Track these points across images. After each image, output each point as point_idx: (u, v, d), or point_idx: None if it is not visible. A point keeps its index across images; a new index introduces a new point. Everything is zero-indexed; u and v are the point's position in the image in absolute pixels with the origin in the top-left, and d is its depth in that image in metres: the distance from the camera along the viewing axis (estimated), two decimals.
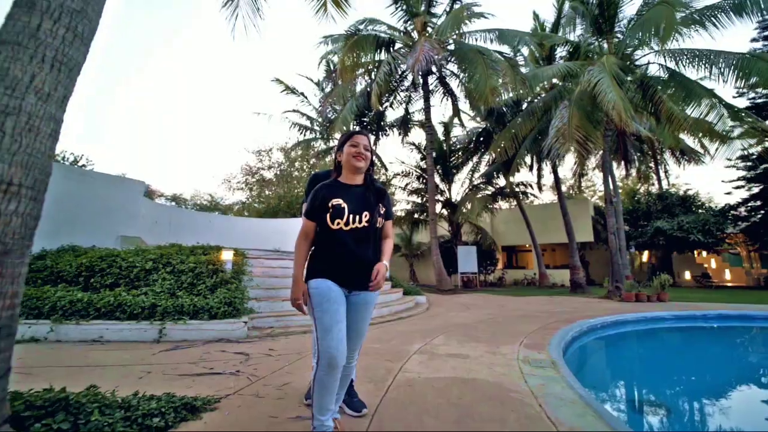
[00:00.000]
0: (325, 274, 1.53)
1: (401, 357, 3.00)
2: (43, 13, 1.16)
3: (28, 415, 1.23)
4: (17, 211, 1.10)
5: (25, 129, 1.11)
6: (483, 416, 1.79)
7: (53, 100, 1.19)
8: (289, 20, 8.54)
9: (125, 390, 1.76)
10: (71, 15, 1.22)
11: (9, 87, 1.10)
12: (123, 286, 4.10)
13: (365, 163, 1.64)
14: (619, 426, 1.67)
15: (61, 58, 1.20)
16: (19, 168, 1.10)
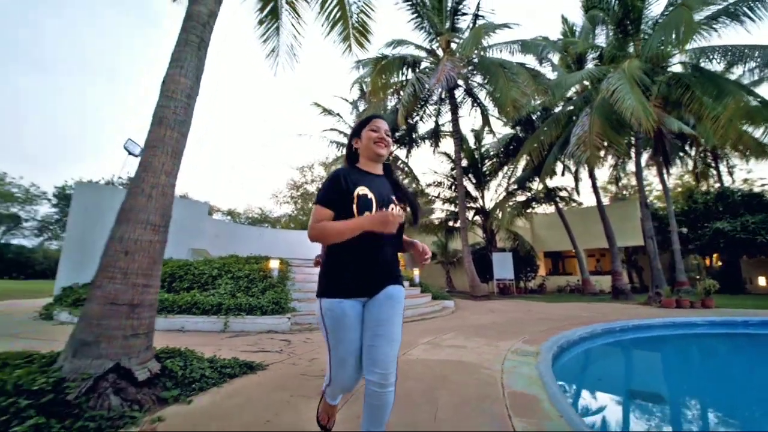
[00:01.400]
0: (342, 285, 1.32)
1: (410, 345, 3.66)
2: (166, 126, 2.06)
3: (160, 356, 2.12)
4: (158, 239, 2.00)
5: (160, 194, 2.01)
6: (451, 380, 2.41)
7: (172, 175, 2.09)
8: (325, 51, 9.65)
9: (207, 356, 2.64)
10: (180, 124, 2.12)
11: (151, 171, 2.01)
12: (196, 288, 5.21)
13: (387, 149, 1.47)
14: (555, 395, 2.17)
15: (176, 150, 2.10)
16: (158, 216, 2.00)
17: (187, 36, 2.25)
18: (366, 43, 6.81)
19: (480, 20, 12.51)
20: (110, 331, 1.76)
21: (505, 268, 15.04)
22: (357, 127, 1.53)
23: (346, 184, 1.34)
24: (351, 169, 1.45)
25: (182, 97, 2.12)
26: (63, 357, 1.78)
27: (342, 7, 6.24)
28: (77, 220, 6.55)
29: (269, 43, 6.49)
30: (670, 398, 3.03)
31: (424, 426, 1.68)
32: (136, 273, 1.88)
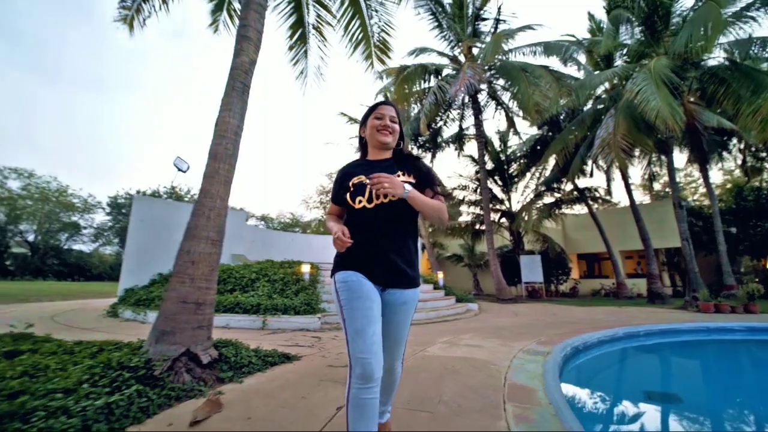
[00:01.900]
0: (354, 266, 1.30)
1: (428, 344, 3.98)
2: (220, 160, 2.58)
3: (217, 345, 2.62)
4: (216, 251, 2.50)
5: (216, 215, 2.52)
6: (460, 373, 2.72)
7: (225, 199, 2.60)
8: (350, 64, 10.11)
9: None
10: (230, 158, 2.62)
11: (209, 197, 2.52)
12: (238, 290, 5.83)
13: (393, 137, 1.41)
14: (550, 387, 2.43)
15: (227, 179, 2.60)
16: (215, 233, 2.50)
17: (233, 83, 2.76)
18: (387, 59, 7.26)
19: (501, 24, 12.60)
20: (182, 324, 2.27)
21: (534, 271, 14.84)
22: (364, 116, 1.49)
23: (343, 180, 1.39)
24: (357, 162, 1.48)
25: (231, 135, 2.62)
26: (148, 343, 2.31)
27: (364, 28, 6.71)
28: (136, 230, 7.48)
29: (299, 65, 7.08)
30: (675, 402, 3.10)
31: (430, 403, 2.03)
32: (200, 278, 2.38)
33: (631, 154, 7.52)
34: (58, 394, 1.71)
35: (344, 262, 1.33)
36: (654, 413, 2.84)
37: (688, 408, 2.96)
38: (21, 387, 1.77)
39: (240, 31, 2.95)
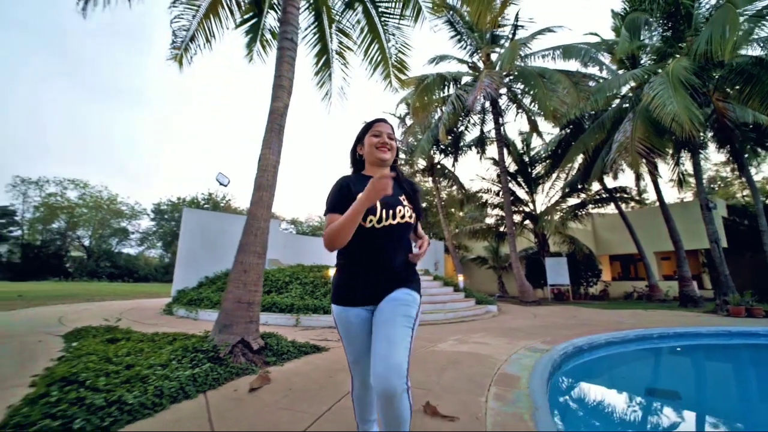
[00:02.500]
0: (347, 294, 1.35)
1: (439, 341, 4.47)
2: (263, 189, 3.24)
3: (262, 336, 3.29)
4: (261, 262, 3.17)
5: (261, 233, 3.18)
6: (461, 364, 3.21)
7: (267, 221, 3.26)
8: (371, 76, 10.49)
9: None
10: (270, 187, 3.28)
11: (255, 219, 3.19)
12: (274, 292, 6.58)
13: (391, 154, 1.45)
14: (534, 376, 2.85)
15: (269, 204, 3.25)
16: (260, 247, 3.16)
17: (271, 125, 3.42)
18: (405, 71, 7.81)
19: (520, 30, 12.78)
20: (238, 319, 2.93)
21: (560, 273, 14.73)
22: (360, 134, 1.51)
23: (348, 190, 1.34)
24: (356, 177, 1.45)
25: (271, 168, 3.29)
26: (213, 333, 3.00)
27: (382, 50, 7.29)
28: (185, 238, 8.50)
29: (324, 87, 7.79)
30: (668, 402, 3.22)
31: (428, 384, 2.55)
32: (251, 283, 3.05)
33: (648, 158, 7.51)
34: (158, 367, 2.41)
35: (341, 291, 1.37)
36: (639, 410, 3.09)
37: (677, 406, 3.11)
38: (132, 362, 2.49)
39: (275, 81, 3.62)
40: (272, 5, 6.92)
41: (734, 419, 2.93)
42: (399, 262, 1.35)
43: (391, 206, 1.35)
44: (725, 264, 8.71)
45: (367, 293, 1.32)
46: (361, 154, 1.51)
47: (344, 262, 1.39)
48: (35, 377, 2.51)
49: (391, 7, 6.83)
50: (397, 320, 1.24)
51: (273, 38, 7.36)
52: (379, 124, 1.48)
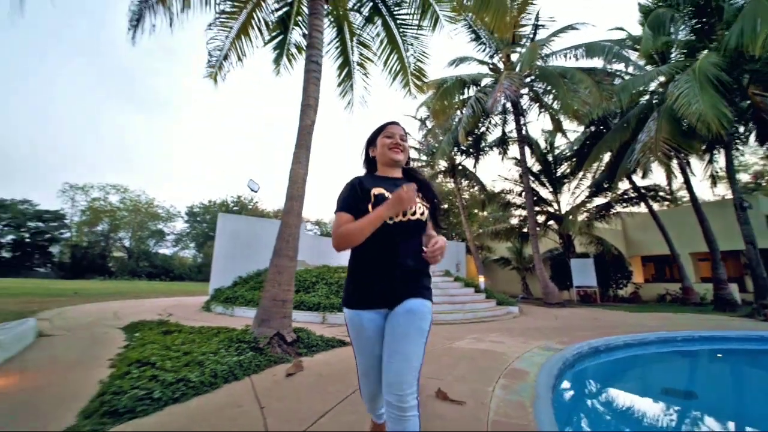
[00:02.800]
0: (359, 297, 1.33)
1: (457, 339, 4.72)
2: (293, 200, 3.63)
3: (295, 331, 3.69)
4: (293, 264, 3.56)
5: (293, 239, 3.58)
6: (474, 359, 3.46)
7: (298, 227, 3.65)
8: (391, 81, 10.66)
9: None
10: (300, 197, 3.67)
11: (287, 227, 3.59)
12: (302, 291, 7.04)
13: (404, 155, 1.47)
14: (542, 372, 3.06)
15: (299, 212, 3.64)
16: (292, 251, 3.56)
17: (300, 141, 3.82)
18: (423, 84, 8.07)
19: (541, 29, 12.69)
20: (274, 314, 3.34)
21: (586, 275, 14.45)
22: (372, 136, 1.54)
23: (361, 189, 1.35)
24: (368, 176, 1.47)
25: (300, 181, 3.68)
26: (253, 326, 3.42)
27: (401, 60, 7.59)
28: (221, 241, 9.18)
29: (346, 97, 8.19)
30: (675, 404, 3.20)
31: (442, 375, 2.83)
32: (284, 283, 3.45)
33: (676, 158, 7.35)
34: (210, 354, 2.84)
35: (353, 294, 1.35)
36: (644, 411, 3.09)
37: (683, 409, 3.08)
38: (187, 349, 2.94)
39: (303, 101, 4.02)
40: (297, 22, 7.39)
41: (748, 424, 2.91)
42: (412, 260, 1.32)
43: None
44: (762, 266, 8.34)
45: (381, 294, 1.29)
46: (374, 156, 1.53)
47: (357, 262, 1.36)
48: (111, 360, 3.01)
49: (410, 18, 7.12)
50: (412, 335, 1.24)
51: (298, 52, 7.83)
52: (392, 126, 1.50)
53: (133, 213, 54.88)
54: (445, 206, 23.58)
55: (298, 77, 6.86)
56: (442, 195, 23.43)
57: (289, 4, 7.04)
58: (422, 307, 1.28)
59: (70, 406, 2.04)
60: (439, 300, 7.93)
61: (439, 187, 23.21)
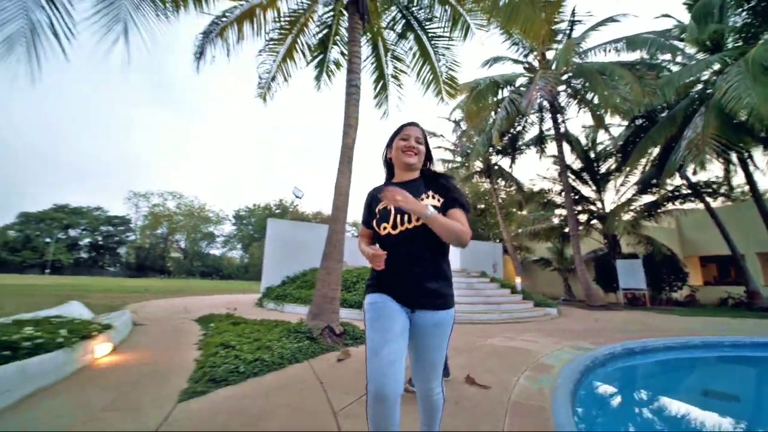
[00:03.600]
0: (381, 288, 1.36)
1: (490, 337, 5.00)
2: (339, 210, 4.16)
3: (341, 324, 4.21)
4: (339, 267, 4.09)
5: (338, 244, 4.10)
6: (504, 355, 3.76)
7: (342, 233, 4.17)
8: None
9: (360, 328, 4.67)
10: (345, 207, 4.19)
11: (334, 233, 4.12)
12: (344, 290, 7.62)
13: (418, 158, 1.44)
14: (566, 367, 3.29)
15: (343, 220, 4.15)
16: (338, 255, 4.09)
17: (343, 157, 4.34)
18: (455, 92, 8.35)
19: (577, 25, 12.36)
20: (324, 309, 3.88)
21: (634, 277, 13.77)
22: (390, 138, 1.52)
23: (370, 205, 1.44)
24: (382, 185, 1.49)
25: (344, 192, 4.20)
26: (307, 319, 3.99)
27: (433, 70, 7.94)
28: (270, 244, 10.08)
29: (382, 108, 8.69)
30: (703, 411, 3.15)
31: (471, 367, 3.18)
32: (333, 283, 3.97)
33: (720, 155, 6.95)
34: (274, 341, 3.42)
35: (374, 286, 1.39)
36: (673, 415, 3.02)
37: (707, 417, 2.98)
38: (256, 337, 3.55)
39: (345, 121, 4.54)
40: (335, 41, 7.99)
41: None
42: (424, 267, 1.31)
43: (405, 211, 1.29)
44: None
45: (401, 295, 1.33)
46: (390, 158, 1.51)
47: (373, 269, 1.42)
48: (196, 344, 3.71)
49: (441, 30, 7.44)
50: (442, 347, 1.35)
51: (336, 68, 8.44)
52: (409, 128, 1.47)
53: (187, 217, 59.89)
54: (482, 206, 23.35)
55: (336, 89, 7.44)
56: (478, 195, 23.22)
57: (329, 26, 7.66)
58: (446, 317, 1.34)
59: (180, 375, 2.68)
60: (475, 300, 8.15)
61: (475, 187, 23.04)
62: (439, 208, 1.32)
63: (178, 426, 1.85)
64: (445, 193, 1.38)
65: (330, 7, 7.27)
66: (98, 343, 3.07)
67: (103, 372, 2.75)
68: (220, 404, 2.16)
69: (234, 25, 6.69)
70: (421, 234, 1.30)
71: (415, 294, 1.31)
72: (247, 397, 2.28)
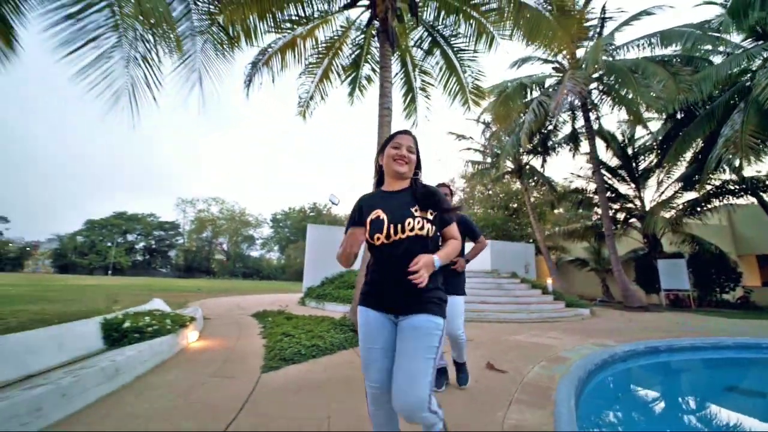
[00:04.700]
0: (369, 297, 1.42)
1: (516, 333, 5.38)
2: None
3: None
4: None
5: None
6: (526, 348, 4.17)
7: None
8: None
9: None
10: None
11: None
12: None
13: (408, 167, 1.46)
14: (581, 359, 3.64)
15: None
16: None
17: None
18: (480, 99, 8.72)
19: (608, 22, 12.17)
20: None
21: (677, 277, 13.25)
22: (382, 145, 1.54)
23: (360, 215, 1.43)
24: (373, 195, 1.51)
25: None
26: (350, 314, 4.64)
27: (459, 81, 8.37)
28: (310, 247, 10.95)
29: (411, 118, 9.24)
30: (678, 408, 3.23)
31: (494, 357, 3.64)
32: None
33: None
34: (324, 332, 4.09)
35: (365, 295, 1.44)
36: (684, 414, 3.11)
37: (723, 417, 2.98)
38: (309, 329, 4.24)
39: (379, 140, 5.13)
40: (366, 60, 8.66)
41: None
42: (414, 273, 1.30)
43: (399, 220, 1.35)
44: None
45: (384, 301, 1.38)
46: (381, 165, 1.54)
47: (367, 272, 1.48)
48: (260, 334, 4.47)
49: (465, 44, 7.86)
50: (419, 353, 1.25)
51: (368, 82, 9.10)
52: (401, 136, 1.50)
53: (229, 221, 63.74)
54: (514, 206, 23.12)
55: (368, 102, 8.20)
56: (510, 194, 23.02)
57: (360, 47, 8.35)
58: (428, 323, 1.29)
59: (255, 356, 3.40)
60: (504, 300, 8.45)
61: (506, 186, 22.87)
62: (432, 221, 1.39)
63: (267, 388, 2.53)
64: (438, 208, 1.43)
65: (362, 31, 7.94)
66: (190, 331, 3.89)
67: (197, 353, 3.55)
68: (291, 375, 2.84)
69: (278, 54, 7.55)
70: (412, 245, 1.34)
71: (400, 301, 1.34)
72: (310, 372, 2.94)
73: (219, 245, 65.71)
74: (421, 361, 1.24)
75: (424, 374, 1.23)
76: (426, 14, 7.57)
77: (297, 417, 2.04)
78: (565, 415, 2.08)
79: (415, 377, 1.22)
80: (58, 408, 1.83)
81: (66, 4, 3.86)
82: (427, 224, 1.36)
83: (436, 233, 1.42)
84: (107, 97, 4.22)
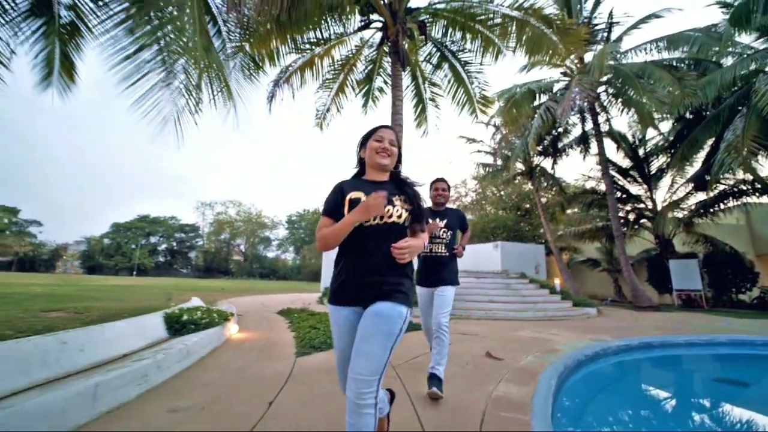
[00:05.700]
0: (335, 293, 1.45)
1: (518, 330, 5.84)
2: None
3: None
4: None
5: None
6: (525, 342, 4.65)
7: None
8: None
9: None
10: None
11: None
12: None
13: (391, 160, 1.51)
14: (572, 353, 4.10)
15: None
16: None
17: None
18: (487, 109, 9.18)
19: (615, 27, 12.38)
20: None
21: (689, 278, 13.32)
22: (363, 138, 1.57)
23: (341, 194, 1.44)
24: (353, 180, 1.55)
25: None
26: None
27: (467, 92, 8.86)
28: None
29: (421, 127, 9.78)
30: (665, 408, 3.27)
31: (494, 348, 4.14)
32: None
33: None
34: None
35: (333, 289, 1.46)
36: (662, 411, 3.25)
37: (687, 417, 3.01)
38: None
39: None
40: (378, 73, 9.23)
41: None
42: (384, 262, 1.36)
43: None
44: None
45: (353, 293, 1.38)
46: (363, 158, 1.56)
47: (336, 261, 1.48)
48: (288, 328, 5.09)
49: (472, 57, 8.34)
50: (377, 338, 1.25)
51: (380, 93, 9.68)
52: (383, 130, 1.54)
53: (246, 223, 65.50)
54: (527, 206, 23.26)
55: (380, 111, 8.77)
56: (521, 196, 23.19)
57: (373, 62, 8.93)
58: (391, 311, 1.30)
59: (287, 345, 4.02)
60: (511, 299, 8.86)
61: (518, 188, 23.04)
62: (408, 211, 1.45)
63: (303, 368, 3.13)
64: (414, 203, 1.49)
65: (374, 48, 8.52)
66: (231, 324, 4.55)
67: (239, 342, 4.19)
68: (321, 360, 3.43)
69: (297, 73, 8.21)
70: (389, 230, 1.40)
71: (368, 288, 1.36)
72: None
73: (237, 246, 67.62)
74: (379, 345, 1.25)
75: (378, 358, 1.24)
76: (434, 31, 8.09)
77: (332, 391, 2.62)
78: (544, 390, 2.59)
79: (370, 358, 1.23)
80: (156, 376, 2.49)
81: (124, 47, 4.56)
82: (405, 213, 1.43)
83: (407, 224, 1.47)
84: (156, 122, 4.90)
